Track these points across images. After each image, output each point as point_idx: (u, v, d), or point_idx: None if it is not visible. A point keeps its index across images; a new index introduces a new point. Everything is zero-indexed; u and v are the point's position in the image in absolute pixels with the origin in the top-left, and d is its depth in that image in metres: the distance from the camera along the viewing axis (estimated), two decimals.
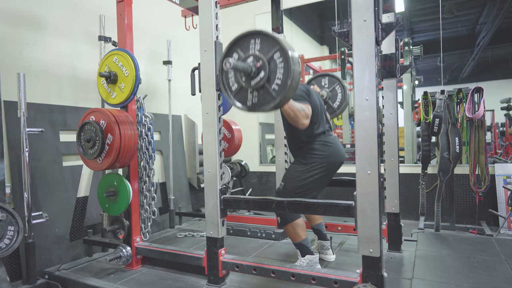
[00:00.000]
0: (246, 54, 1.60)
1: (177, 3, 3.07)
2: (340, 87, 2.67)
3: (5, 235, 1.90)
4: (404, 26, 5.84)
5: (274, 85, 1.52)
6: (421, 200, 3.12)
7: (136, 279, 2.15)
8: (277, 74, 1.51)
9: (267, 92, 1.54)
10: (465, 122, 3.02)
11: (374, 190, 1.44)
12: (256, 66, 1.54)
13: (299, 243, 2.13)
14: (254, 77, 1.55)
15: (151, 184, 2.47)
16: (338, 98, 2.68)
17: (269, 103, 1.53)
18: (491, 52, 6.91)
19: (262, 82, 1.53)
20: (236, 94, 1.65)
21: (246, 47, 1.61)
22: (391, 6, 2.34)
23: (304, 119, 1.98)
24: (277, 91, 1.51)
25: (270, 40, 1.55)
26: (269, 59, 1.53)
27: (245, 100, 1.62)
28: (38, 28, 2.52)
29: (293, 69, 1.46)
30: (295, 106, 1.94)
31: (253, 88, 1.57)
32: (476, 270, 2.05)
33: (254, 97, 1.58)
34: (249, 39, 1.60)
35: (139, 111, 2.45)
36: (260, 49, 1.57)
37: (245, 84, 1.59)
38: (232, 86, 1.65)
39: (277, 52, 1.52)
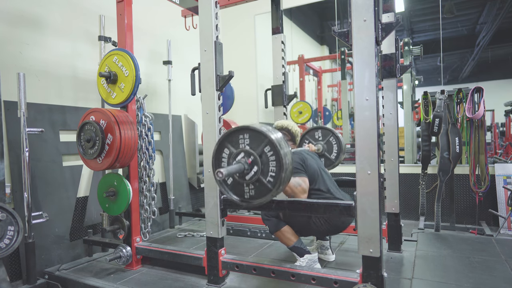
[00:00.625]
0: (237, 150, 1.60)
1: (177, 3, 3.07)
2: (334, 138, 2.70)
3: (5, 235, 1.90)
4: (404, 26, 5.83)
5: (269, 177, 1.54)
6: (421, 200, 3.12)
7: (136, 279, 2.15)
8: (270, 167, 1.53)
9: (263, 184, 1.56)
10: (465, 122, 3.01)
11: (374, 190, 1.44)
12: (248, 162, 1.55)
13: (293, 247, 2.16)
14: (247, 173, 1.57)
15: (151, 184, 2.47)
16: (334, 149, 2.71)
17: (266, 195, 1.56)
18: (491, 52, 6.91)
19: (256, 176, 1.55)
20: (232, 188, 1.66)
21: (236, 142, 1.62)
22: (391, 6, 2.34)
23: (301, 194, 2.05)
24: (273, 183, 1.53)
25: (258, 135, 1.55)
26: (259, 153, 1.54)
27: (242, 193, 1.64)
28: (38, 28, 2.52)
29: (285, 162, 1.48)
30: (291, 183, 2.00)
31: (248, 182, 1.58)
32: (476, 270, 2.05)
33: (251, 190, 1.61)
34: (238, 135, 1.61)
35: (139, 111, 2.45)
36: (250, 144, 1.58)
37: (239, 179, 1.61)
38: (228, 180, 1.66)
39: (267, 145, 1.53)
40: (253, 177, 1.56)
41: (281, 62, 3.01)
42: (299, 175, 2.08)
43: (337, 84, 5.64)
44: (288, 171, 1.50)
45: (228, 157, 1.64)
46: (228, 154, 1.64)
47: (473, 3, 5.81)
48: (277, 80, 3.05)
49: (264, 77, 4.59)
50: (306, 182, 2.09)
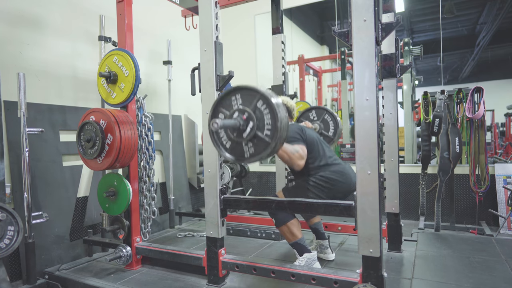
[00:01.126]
0: (231, 111, 1.62)
1: (177, 3, 3.07)
2: (328, 116, 2.73)
3: (5, 235, 1.90)
4: (404, 26, 5.83)
5: (266, 131, 1.54)
6: (421, 200, 3.12)
7: (136, 279, 2.15)
8: (266, 120, 1.53)
9: (261, 139, 1.56)
10: (465, 122, 3.01)
11: (374, 190, 1.44)
12: (243, 118, 1.56)
13: (296, 243, 2.13)
14: (244, 129, 1.58)
15: (151, 184, 2.47)
16: (331, 126, 2.74)
17: (265, 149, 1.56)
18: (491, 52, 6.91)
19: (253, 132, 1.56)
20: (231, 150, 1.67)
21: (229, 104, 1.63)
22: (391, 6, 2.34)
23: (298, 160, 2.04)
24: (270, 136, 1.53)
25: (249, 91, 1.57)
26: (253, 109, 1.55)
27: (242, 153, 1.64)
28: (38, 28, 2.52)
29: (278, 113, 1.49)
30: (288, 149, 2.00)
31: (246, 140, 1.59)
32: (476, 270, 2.05)
33: (250, 148, 1.61)
34: (230, 97, 1.63)
35: (139, 111, 2.45)
36: (243, 103, 1.59)
37: (238, 138, 1.61)
38: (226, 144, 1.67)
39: (259, 100, 1.54)
40: (250, 133, 1.56)
41: (281, 62, 3.01)
42: (296, 143, 2.08)
43: (337, 84, 5.64)
44: (284, 121, 1.50)
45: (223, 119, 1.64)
46: (223, 118, 1.65)
47: (473, 3, 5.81)
48: (277, 80, 3.05)
49: (264, 77, 4.59)
50: (303, 150, 2.08)
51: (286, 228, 2.11)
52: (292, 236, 2.12)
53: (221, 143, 1.68)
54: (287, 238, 2.15)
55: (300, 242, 2.12)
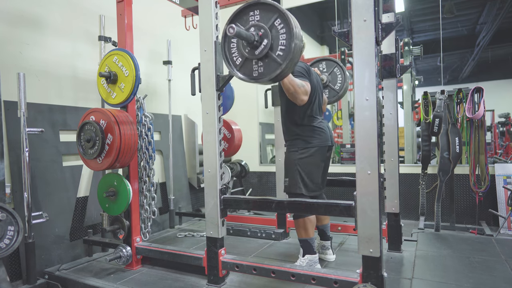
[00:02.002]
0: (247, 26, 1.59)
1: (177, 3, 3.07)
2: (338, 69, 2.69)
3: (5, 235, 1.90)
4: (404, 26, 5.84)
5: (278, 51, 1.52)
6: (421, 200, 3.12)
7: (136, 279, 2.15)
8: (280, 40, 1.51)
9: (272, 59, 1.54)
10: (465, 122, 3.02)
11: (374, 190, 1.44)
12: (259, 34, 1.54)
13: (305, 240, 2.11)
14: (257, 46, 1.55)
15: (151, 184, 2.47)
16: (339, 79, 2.69)
17: (275, 70, 1.53)
18: (491, 52, 6.91)
19: (266, 50, 1.54)
20: (240, 67, 1.65)
21: (246, 20, 1.61)
22: (391, 6, 2.34)
23: (303, 95, 1.99)
24: (282, 57, 1.52)
25: (269, 8, 1.55)
26: (270, 27, 1.53)
27: (250, 72, 1.61)
28: (38, 28, 2.52)
29: (295, 31, 1.47)
30: (295, 81, 1.95)
31: (257, 58, 1.57)
32: (476, 270, 2.05)
33: (260, 67, 1.58)
34: (248, 12, 1.60)
35: (139, 111, 2.45)
36: (260, 19, 1.57)
37: (249, 55, 1.58)
38: (236, 60, 1.65)
39: (277, 18, 1.52)
40: (263, 50, 1.54)
41: None
42: (302, 78, 2.04)
43: None
44: (298, 43, 1.48)
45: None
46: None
47: (473, 3, 5.81)
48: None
49: None
50: (309, 86, 2.05)
51: (303, 222, 2.09)
52: (305, 232, 2.10)
53: (232, 59, 1.65)
54: (299, 233, 2.13)
55: (310, 241, 2.11)
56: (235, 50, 1.65)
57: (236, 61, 1.66)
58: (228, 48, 1.68)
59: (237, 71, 1.65)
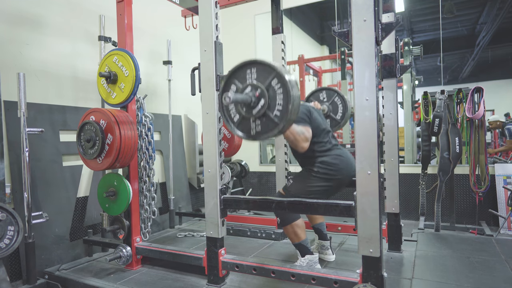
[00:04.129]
0: (244, 85, 1.59)
1: (177, 3, 3.07)
2: (339, 98, 2.70)
3: (5, 235, 1.90)
4: (404, 26, 5.83)
5: (276, 111, 1.53)
6: (421, 200, 3.12)
7: (136, 279, 2.15)
8: (277, 100, 1.51)
9: (269, 119, 1.54)
10: (465, 122, 3.02)
11: (374, 190, 1.44)
12: (255, 95, 1.54)
13: (299, 244, 2.13)
14: (254, 106, 1.56)
15: (151, 184, 2.47)
16: (340, 109, 2.70)
17: (272, 130, 1.54)
18: (491, 52, 6.91)
19: (263, 110, 1.54)
20: (238, 124, 1.65)
21: (243, 77, 1.61)
22: (391, 6, 2.34)
23: (303, 143, 2.01)
24: (279, 117, 1.52)
25: (266, 67, 1.54)
26: (267, 87, 1.53)
27: (248, 130, 1.62)
28: (38, 28, 2.52)
29: (292, 93, 1.47)
30: (294, 130, 1.98)
31: (255, 117, 1.58)
32: (476, 270, 2.05)
33: (257, 126, 1.59)
34: (245, 70, 1.60)
35: (139, 111, 2.45)
36: (257, 78, 1.57)
37: (246, 114, 1.59)
38: (234, 117, 1.66)
39: (274, 78, 1.52)
40: (260, 110, 1.54)
41: (281, 62, 3.01)
42: (303, 124, 2.06)
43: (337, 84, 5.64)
44: (295, 104, 1.47)
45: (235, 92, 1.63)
46: (235, 90, 1.63)
47: (473, 3, 5.81)
48: None
49: None
50: (309, 132, 2.06)
51: (291, 228, 2.11)
52: (296, 237, 2.12)
53: (229, 115, 1.66)
54: (291, 238, 2.15)
55: (304, 243, 2.12)
56: (232, 107, 1.65)
57: (234, 118, 1.66)
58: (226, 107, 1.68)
59: (235, 127, 1.65)
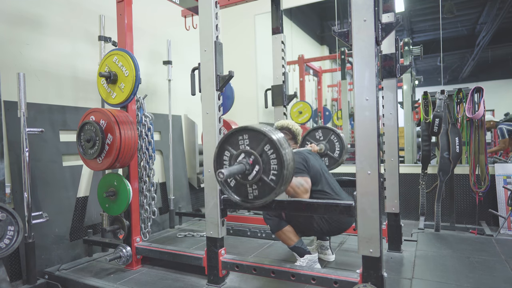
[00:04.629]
0: (237, 151, 1.60)
1: (177, 3, 3.07)
2: (335, 136, 2.70)
3: (5, 235, 1.90)
4: (404, 26, 5.83)
5: (271, 176, 1.53)
6: (421, 200, 3.12)
7: (136, 279, 2.15)
8: (272, 165, 1.52)
9: (266, 183, 1.55)
10: (465, 122, 3.01)
11: (374, 190, 1.44)
12: (249, 162, 1.55)
13: (294, 247, 2.15)
14: (249, 173, 1.56)
15: (151, 184, 2.47)
16: (337, 147, 2.70)
17: (270, 194, 1.55)
18: (491, 52, 6.91)
19: (259, 175, 1.55)
20: (235, 190, 1.66)
21: (235, 143, 1.61)
22: (391, 6, 2.34)
23: (303, 194, 2.04)
24: (275, 181, 1.52)
25: (257, 134, 1.55)
26: (260, 152, 1.53)
27: (246, 195, 1.64)
28: (38, 28, 2.52)
29: (286, 158, 1.47)
30: (293, 183, 2.00)
31: (251, 183, 1.58)
32: (476, 270, 2.05)
33: (254, 190, 1.60)
34: (237, 136, 1.60)
35: (139, 111, 2.45)
36: (250, 144, 1.57)
37: (242, 180, 1.60)
38: (230, 182, 1.66)
39: (267, 144, 1.53)
40: (255, 176, 1.55)
41: (281, 62, 3.01)
42: (301, 175, 2.08)
43: (337, 84, 5.65)
44: (290, 168, 1.50)
45: (229, 159, 1.65)
46: (229, 156, 1.65)
47: (473, 3, 5.81)
48: (277, 80, 3.05)
49: (264, 77, 4.59)
50: (308, 182, 2.09)
51: (282, 233, 2.15)
52: (289, 240, 2.15)
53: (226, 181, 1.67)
54: (285, 242, 2.19)
55: (298, 245, 2.14)
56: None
57: (230, 183, 1.66)
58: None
59: (232, 193, 1.66)
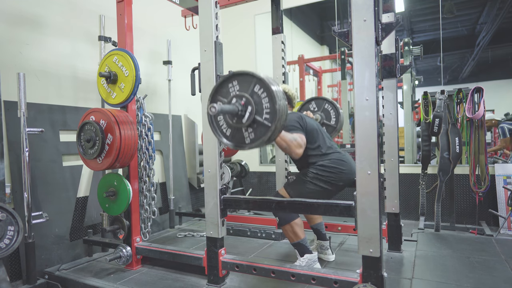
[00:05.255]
0: (229, 98, 1.60)
1: (177, 3, 3.07)
2: (329, 105, 2.73)
3: (5, 235, 1.90)
4: (404, 26, 5.83)
5: (265, 114, 1.53)
6: (421, 200, 3.12)
7: (136, 279, 2.15)
8: (264, 104, 1.52)
9: (260, 123, 1.55)
10: (465, 122, 3.02)
11: (374, 190, 1.44)
12: (241, 104, 1.55)
13: (298, 243, 2.13)
14: (243, 115, 1.56)
15: (151, 184, 2.47)
16: (332, 115, 2.73)
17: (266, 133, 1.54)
18: (491, 52, 6.91)
19: (252, 116, 1.54)
20: (232, 137, 1.66)
21: (226, 92, 1.61)
22: (391, 6, 2.34)
23: (296, 149, 2.02)
24: (270, 119, 1.52)
25: (245, 77, 1.56)
26: (251, 94, 1.54)
27: (242, 140, 1.62)
28: (38, 28, 2.52)
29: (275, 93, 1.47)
30: (286, 137, 1.99)
31: (246, 126, 1.58)
32: (476, 270, 2.05)
33: (250, 133, 1.59)
34: (227, 85, 1.61)
35: (139, 111, 2.45)
36: (240, 89, 1.58)
37: (237, 124, 1.60)
38: (226, 132, 1.66)
39: (256, 84, 1.53)
40: (249, 117, 1.54)
41: (281, 62, 3.01)
42: (295, 131, 2.07)
43: (337, 84, 5.64)
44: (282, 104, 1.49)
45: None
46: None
47: (473, 3, 5.81)
48: (277, 80, 3.05)
49: None
50: (302, 139, 2.07)
51: (290, 227, 2.11)
52: (295, 236, 2.12)
53: (221, 131, 1.67)
54: (290, 238, 2.15)
55: (302, 242, 2.13)
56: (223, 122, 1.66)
57: (226, 132, 1.67)
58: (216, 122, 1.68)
59: (229, 141, 1.66)
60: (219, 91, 1.63)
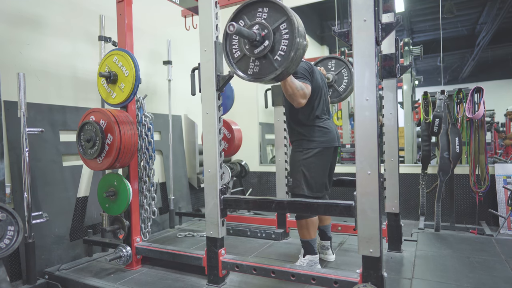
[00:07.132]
0: (252, 22, 1.55)
1: (177, 3, 3.07)
2: (347, 70, 2.61)
3: (5, 235, 1.90)
4: (404, 26, 5.84)
5: (277, 56, 1.48)
6: (421, 200, 3.12)
7: (136, 279, 2.15)
8: (281, 45, 1.48)
9: (270, 62, 1.50)
10: (465, 122, 3.02)
11: (374, 190, 1.44)
12: (261, 34, 1.51)
13: (307, 241, 2.12)
14: (258, 45, 1.51)
15: (151, 184, 2.47)
16: (344, 81, 2.62)
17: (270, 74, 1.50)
18: (491, 52, 6.91)
19: (266, 51, 1.50)
20: (237, 61, 1.61)
21: (253, 15, 1.56)
22: (391, 6, 2.34)
23: (300, 98, 1.96)
24: (280, 62, 1.48)
25: (279, 9, 1.51)
26: (274, 29, 1.49)
27: (246, 69, 1.58)
28: (38, 28, 2.52)
29: (298, 41, 1.43)
30: (294, 84, 1.91)
31: (255, 57, 1.54)
32: (476, 270, 2.05)
33: (256, 66, 1.55)
34: (257, 7, 1.56)
35: (139, 111, 2.45)
36: (267, 18, 1.52)
37: (248, 52, 1.55)
38: (235, 53, 1.62)
39: (284, 22, 1.48)
40: (262, 51, 1.50)
41: None
42: (303, 80, 2.00)
43: None
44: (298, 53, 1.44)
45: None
46: (242, 25, 1.58)
47: (473, 3, 5.82)
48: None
49: None
50: (309, 89, 2.01)
51: (305, 223, 2.09)
52: (307, 233, 2.10)
53: (230, 50, 1.62)
54: (301, 233, 2.13)
55: (311, 242, 2.12)
56: (236, 43, 1.62)
57: (234, 54, 1.63)
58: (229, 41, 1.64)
59: (234, 63, 1.62)
60: (247, 10, 1.58)
